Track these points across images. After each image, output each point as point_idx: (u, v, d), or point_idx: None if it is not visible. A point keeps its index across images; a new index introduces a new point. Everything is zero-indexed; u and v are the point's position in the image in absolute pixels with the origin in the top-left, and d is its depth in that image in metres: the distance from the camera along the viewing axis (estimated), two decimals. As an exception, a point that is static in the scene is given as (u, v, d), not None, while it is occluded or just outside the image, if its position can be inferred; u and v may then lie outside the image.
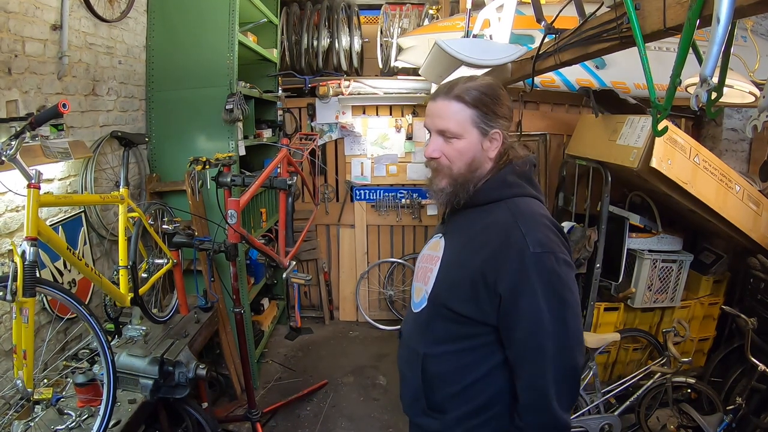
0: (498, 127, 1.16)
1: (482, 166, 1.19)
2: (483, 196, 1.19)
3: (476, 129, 1.15)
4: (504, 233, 1.11)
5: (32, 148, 1.91)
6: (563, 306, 1.08)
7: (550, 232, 1.11)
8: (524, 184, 1.19)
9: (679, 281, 2.90)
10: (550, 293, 1.07)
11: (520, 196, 1.18)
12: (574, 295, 1.11)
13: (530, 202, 1.18)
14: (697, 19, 0.98)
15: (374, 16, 4.53)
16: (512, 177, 1.19)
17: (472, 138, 1.16)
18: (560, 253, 1.10)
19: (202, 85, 3.03)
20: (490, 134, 1.16)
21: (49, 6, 2.12)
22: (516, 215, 1.12)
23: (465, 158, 1.17)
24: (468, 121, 1.15)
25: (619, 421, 2.55)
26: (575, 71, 2.94)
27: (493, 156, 1.19)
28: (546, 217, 1.14)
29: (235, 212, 2.03)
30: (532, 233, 1.09)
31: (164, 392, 2.06)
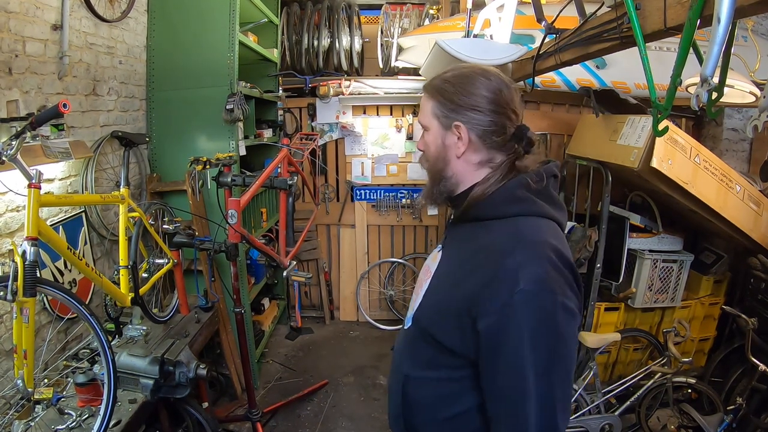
0: (461, 119, 1.01)
1: (452, 166, 1.05)
2: (482, 211, 1.02)
3: (436, 120, 1.05)
4: (497, 260, 0.92)
5: (33, 148, 1.91)
6: (553, 361, 0.89)
7: (552, 266, 0.90)
8: (537, 200, 1.00)
9: (679, 281, 2.90)
10: (539, 343, 0.88)
11: (530, 215, 0.99)
12: (569, 349, 0.91)
13: (540, 224, 0.98)
14: (698, 19, 0.97)
15: (375, 16, 4.53)
16: (520, 191, 1.00)
17: (435, 130, 1.06)
18: (560, 296, 0.89)
19: (202, 85, 3.03)
20: (451, 127, 1.02)
21: (49, 6, 2.12)
22: (516, 240, 0.94)
23: (431, 151, 1.08)
24: (430, 112, 1.06)
25: (619, 421, 2.55)
26: (576, 71, 2.94)
27: (463, 156, 1.03)
28: (553, 248, 0.93)
29: (236, 212, 2.03)
30: (528, 266, 0.89)
31: (165, 392, 2.06)
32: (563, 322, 0.89)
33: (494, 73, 1.04)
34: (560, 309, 0.89)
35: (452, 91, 1.02)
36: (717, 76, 0.98)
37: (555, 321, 0.89)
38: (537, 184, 1.00)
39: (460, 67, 1.07)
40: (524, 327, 0.88)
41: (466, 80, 1.02)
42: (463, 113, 1.01)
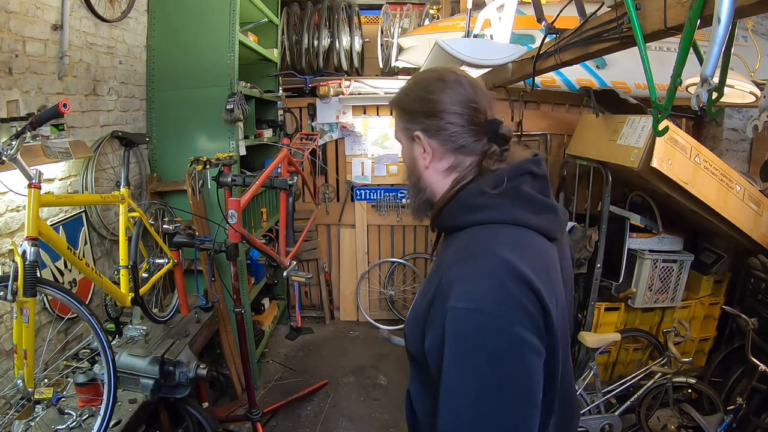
0: (418, 128, 0.95)
1: (424, 177, 0.99)
2: (445, 222, 0.96)
3: (401, 133, 1.01)
4: (442, 275, 0.84)
5: (33, 148, 1.91)
6: (484, 396, 0.76)
7: (492, 284, 0.78)
8: (498, 204, 0.88)
9: (679, 281, 2.89)
10: (467, 372, 0.77)
11: (488, 224, 0.88)
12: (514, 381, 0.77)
13: (497, 233, 0.86)
14: (698, 19, 0.97)
15: (375, 16, 4.53)
16: (476, 198, 0.90)
17: (404, 143, 1.01)
18: (498, 317, 0.76)
19: (202, 85, 3.03)
20: (412, 137, 0.97)
21: (49, 6, 2.12)
22: (461, 253, 0.86)
23: (406, 165, 1.04)
24: (397, 126, 1.02)
25: (619, 421, 2.55)
26: (576, 71, 2.94)
27: (431, 165, 0.96)
28: (503, 262, 0.79)
29: (236, 212, 2.03)
30: (463, 281, 0.80)
31: (165, 392, 2.06)
32: (502, 350, 0.76)
33: (451, 71, 0.97)
34: (497, 334, 0.76)
35: (408, 101, 0.98)
36: (717, 76, 0.98)
37: (490, 350, 0.76)
38: (495, 186, 0.88)
39: (417, 75, 1.03)
40: (450, 345, 0.78)
41: (420, 87, 0.97)
42: (420, 121, 0.95)
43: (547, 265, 0.87)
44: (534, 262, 0.83)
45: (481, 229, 0.88)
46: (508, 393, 0.76)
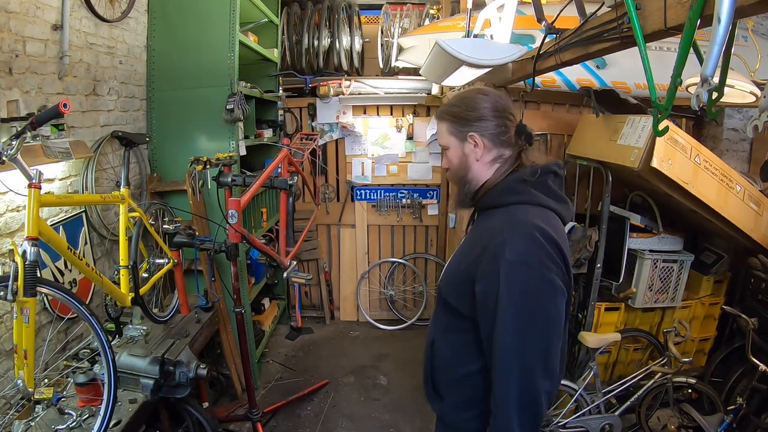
0: (472, 129, 1.23)
1: (472, 169, 1.26)
2: (488, 201, 1.24)
3: (453, 137, 1.27)
4: (491, 238, 1.12)
5: (33, 148, 1.91)
6: (530, 322, 1.05)
7: (533, 242, 1.07)
8: (532, 191, 1.18)
9: (679, 281, 2.89)
10: (518, 305, 1.05)
11: (523, 204, 1.17)
12: (548, 312, 1.07)
13: (531, 210, 1.15)
14: (698, 19, 0.97)
15: (375, 16, 4.53)
16: (517, 184, 1.20)
17: (454, 145, 1.27)
18: (539, 267, 1.06)
19: (202, 85, 3.03)
20: (466, 138, 1.24)
21: (49, 6, 2.12)
22: (507, 222, 1.14)
23: (455, 163, 1.29)
24: (446, 132, 1.28)
25: (619, 421, 2.55)
26: (576, 71, 2.93)
27: (482, 157, 1.25)
28: (538, 228, 1.09)
29: (236, 212, 2.03)
30: (513, 241, 1.08)
31: (165, 392, 2.06)
32: (541, 290, 1.07)
33: (488, 89, 1.29)
34: (537, 276, 1.07)
35: (460, 111, 1.25)
36: (717, 76, 0.98)
37: (532, 286, 1.06)
38: (531, 177, 1.19)
39: (461, 93, 1.33)
40: (505, 291, 1.06)
41: (469, 100, 1.25)
42: (473, 125, 1.23)
43: (564, 238, 1.16)
44: (558, 232, 1.13)
45: (519, 207, 1.17)
46: (546, 323, 1.07)
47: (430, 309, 4.56)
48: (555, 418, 2.52)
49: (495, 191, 1.22)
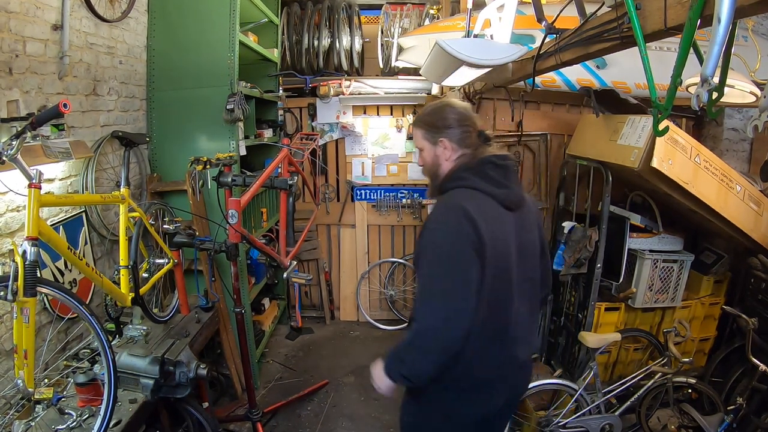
0: (442, 135, 1.53)
1: (442, 165, 1.56)
2: (442, 187, 1.55)
3: (427, 141, 1.57)
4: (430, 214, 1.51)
5: (33, 148, 1.91)
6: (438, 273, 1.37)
7: (450, 215, 1.40)
8: (471, 177, 1.47)
9: (679, 281, 2.89)
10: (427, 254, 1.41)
11: (461, 188, 1.48)
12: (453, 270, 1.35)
13: (461, 192, 1.46)
14: (698, 19, 0.97)
15: (375, 16, 4.53)
16: (460, 172, 1.51)
17: (428, 148, 1.58)
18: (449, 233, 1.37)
19: (202, 85, 3.03)
20: (437, 142, 1.54)
21: (49, 6, 2.12)
22: (441, 201, 1.49)
23: (428, 162, 1.59)
24: (421, 137, 1.58)
25: (619, 421, 2.55)
26: (576, 71, 2.93)
27: (450, 157, 1.54)
28: (459, 205, 1.40)
29: (236, 212, 2.03)
30: (435, 213, 1.47)
31: (165, 392, 2.06)
32: (447, 251, 1.37)
33: (456, 102, 1.59)
34: (448, 243, 1.37)
35: (432, 121, 1.56)
36: (717, 76, 0.98)
37: (442, 249, 1.38)
38: (474, 167, 1.49)
39: (433, 105, 1.60)
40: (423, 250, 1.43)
41: (439, 111, 1.56)
42: (443, 132, 1.53)
43: (493, 218, 1.42)
44: (480, 210, 1.39)
45: (455, 191, 1.48)
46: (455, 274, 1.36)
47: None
48: (555, 418, 2.52)
49: (446, 180, 1.54)
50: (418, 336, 1.37)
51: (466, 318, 1.33)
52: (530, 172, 3.32)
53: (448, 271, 1.35)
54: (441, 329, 1.34)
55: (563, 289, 3.17)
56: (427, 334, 1.36)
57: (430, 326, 1.35)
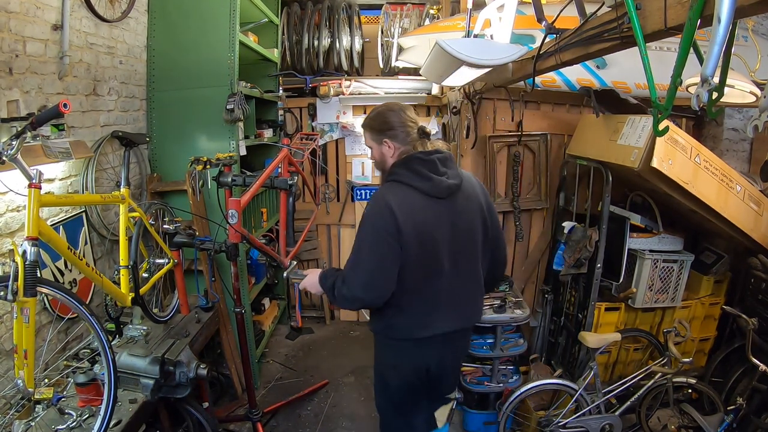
0: (386, 137, 1.81)
1: (387, 161, 1.85)
2: (384, 180, 1.84)
3: (374, 142, 1.86)
4: None
5: (33, 148, 1.91)
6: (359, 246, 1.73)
7: (375, 206, 1.71)
8: (401, 172, 1.75)
9: (680, 281, 2.89)
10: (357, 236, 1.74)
11: (393, 182, 1.75)
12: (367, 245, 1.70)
13: (390, 186, 1.75)
14: (698, 19, 0.97)
15: (375, 16, 4.54)
16: (394, 168, 1.79)
17: (375, 147, 1.87)
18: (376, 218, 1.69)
19: (202, 85, 3.03)
20: (382, 142, 1.83)
21: (49, 6, 2.12)
22: (373, 195, 1.79)
23: (376, 158, 1.90)
24: (369, 138, 1.88)
25: (619, 421, 2.55)
26: (576, 71, 2.93)
27: (393, 154, 1.82)
28: (383, 199, 1.70)
29: (236, 212, 2.03)
30: (370, 201, 1.76)
31: (165, 392, 2.06)
32: (368, 230, 1.71)
33: (396, 106, 1.84)
34: (369, 224, 1.71)
35: (376, 125, 1.84)
36: (717, 76, 0.98)
37: (364, 229, 1.72)
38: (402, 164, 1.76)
39: (377, 109, 1.86)
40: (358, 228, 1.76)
41: (382, 116, 1.82)
42: (386, 133, 1.81)
43: (415, 208, 1.70)
44: (401, 202, 1.69)
45: (387, 184, 1.78)
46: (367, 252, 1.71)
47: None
48: (555, 418, 2.52)
49: (388, 173, 1.82)
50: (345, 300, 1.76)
51: (382, 287, 1.71)
52: (530, 172, 3.32)
53: (370, 249, 1.70)
54: (361, 296, 1.71)
55: (563, 289, 3.17)
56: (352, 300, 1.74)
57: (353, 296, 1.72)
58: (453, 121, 3.56)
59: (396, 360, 1.91)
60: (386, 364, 1.97)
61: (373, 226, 1.69)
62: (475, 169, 3.24)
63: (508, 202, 3.30)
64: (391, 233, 1.65)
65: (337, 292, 1.76)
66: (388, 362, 1.95)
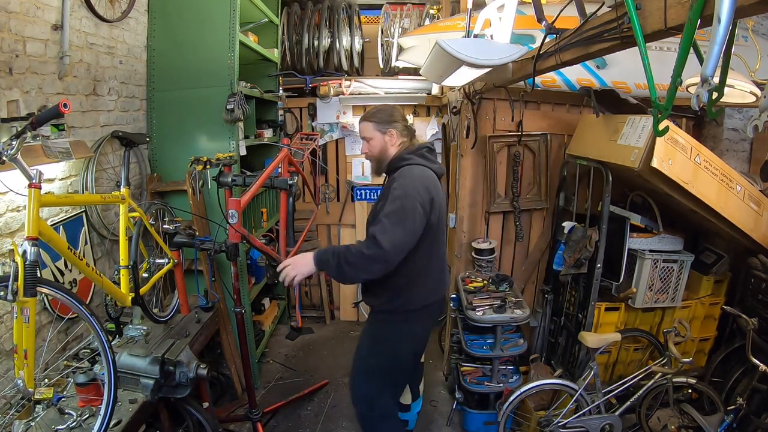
0: (390, 127, 2.10)
1: (388, 150, 2.13)
2: (392, 167, 2.12)
3: (378, 132, 2.12)
4: (394, 182, 1.99)
5: (33, 148, 1.91)
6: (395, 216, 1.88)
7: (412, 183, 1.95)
8: (415, 158, 2.06)
9: (680, 281, 2.89)
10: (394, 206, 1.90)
11: (411, 165, 2.03)
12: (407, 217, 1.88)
13: (415, 168, 2.02)
14: (698, 19, 0.97)
15: (375, 16, 4.53)
16: (406, 154, 2.08)
17: (378, 137, 2.13)
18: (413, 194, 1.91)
19: (203, 85, 3.03)
20: (386, 132, 2.11)
21: (49, 6, 2.12)
22: (401, 175, 2.00)
23: (376, 148, 2.14)
24: (372, 129, 2.12)
25: (619, 421, 2.55)
26: (576, 71, 2.93)
27: (394, 143, 2.12)
28: (419, 176, 1.99)
29: (236, 212, 2.03)
30: (402, 181, 1.97)
31: (165, 392, 2.06)
32: (409, 204, 1.90)
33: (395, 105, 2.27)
34: (411, 198, 1.90)
35: (382, 116, 2.13)
36: (717, 76, 0.98)
37: (405, 202, 1.90)
38: (415, 151, 2.09)
39: (378, 106, 2.18)
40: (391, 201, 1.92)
41: (386, 110, 2.15)
42: (391, 124, 2.11)
43: (436, 184, 2.06)
44: (429, 181, 2.01)
45: (408, 167, 2.04)
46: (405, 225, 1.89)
47: (430, 309, 4.55)
48: (555, 418, 2.52)
49: (395, 160, 2.10)
50: (368, 260, 1.86)
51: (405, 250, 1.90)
52: (530, 172, 3.31)
53: (412, 215, 1.88)
54: (389, 254, 1.84)
55: (563, 289, 3.17)
56: (377, 259, 1.85)
57: (381, 254, 1.84)
58: (453, 121, 3.56)
59: (411, 332, 2.15)
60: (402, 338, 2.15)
61: (415, 198, 1.90)
62: (475, 169, 3.24)
63: (508, 202, 3.30)
64: (425, 208, 1.92)
65: (352, 256, 1.87)
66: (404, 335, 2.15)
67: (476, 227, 3.34)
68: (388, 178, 2.16)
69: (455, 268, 3.40)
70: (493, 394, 2.91)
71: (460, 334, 3.02)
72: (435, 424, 3.10)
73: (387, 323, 2.16)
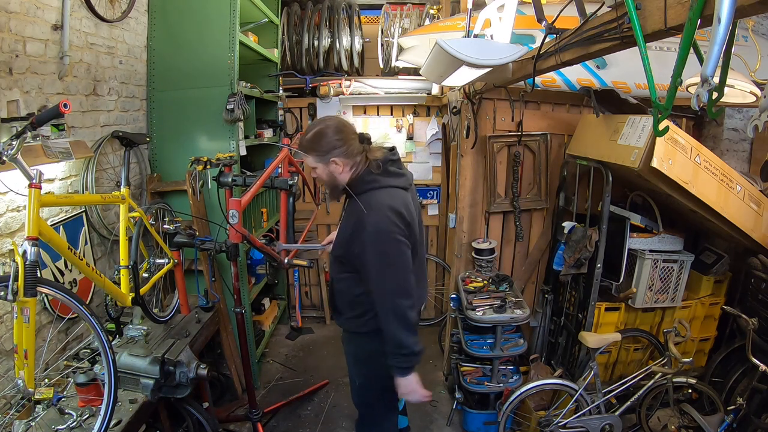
0: (332, 156, 1.77)
1: (339, 177, 1.81)
2: (353, 190, 1.80)
3: (320, 163, 1.81)
4: (358, 216, 1.74)
5: (33, 148, 1.92)
6: (385, 268, 1.72)
7: (383, 216, 1.71)
8: (380, 178, 1.80)
9: (680, 281, 2.89)
10: (375, 260, 1.73)
11: (376, 189, 1.78)
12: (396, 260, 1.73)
13: (382, 193, 1.78)
14: (698, 19, 0.97)
15: (375, 16, 4.54)
16: (367, 176, 1.81)
17: (321, 168, 1.82)
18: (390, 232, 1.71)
19: (203, 85, 3.03)
20: (329, 161, 1.79)
21: (50, 6, 2.12)
22: (366, 204, 1.73)
23: (323, 178, 1.86)
24: (313, 161, 1.82)
25: (620, 421, 2.55)
26: (576, 71, 2.93)
27: (343, 170, 1.80)
28: (387, 206, 1.73)
29: (237, 212, 2.02)
30: (369, 217, 1.71)
31: (165, 392, 2.06)
32: (390, 247, 1.72)
33: (331, 120, 1.82)
34: (387, 239, 1.71)
35: (319, 146, 1.78)
36: (717, 76, 0.98)
37: (384, 248, 1.72)
38: (377, 170, 1.80)
39: (315, 130, 1.80)
40: (367, 252, 1.73)
41: (322, 136, 1.77)
42: (330, 153, 1.77)
43: (407, 203, 1.81)
44: (400, 203, 1.77)
45: (373, 192, 1.78)
46: (397, 265, 1.74)
47: (431, 309, 4.55)
48: (555, 418, 2.52)
49: (355, 185, 1.81)
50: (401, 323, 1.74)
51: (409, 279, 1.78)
52: (530, 172, 3.31)
53: (396, 266, 1.74)
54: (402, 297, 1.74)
55: (563, 289, 3.17)
56: (402, 314, 1.73)
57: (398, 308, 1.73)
58: (453, 121, 3.56)
59: None
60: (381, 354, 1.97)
61: (391, 233, 1.71)
62: (475, 169, 3.24)
63: (508, 202, 3.30)
64: (404, 235, 1.75)
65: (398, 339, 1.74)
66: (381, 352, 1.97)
67: (476, 227, 3.34)
68: (350, 201, 1.90)
69: (455, 268, 3.40)
70: (493, 394, 2.91)
71: (460, 334, 3.02)
72: (435, 424, 3.10)
73: (362, 344, 2.05)
